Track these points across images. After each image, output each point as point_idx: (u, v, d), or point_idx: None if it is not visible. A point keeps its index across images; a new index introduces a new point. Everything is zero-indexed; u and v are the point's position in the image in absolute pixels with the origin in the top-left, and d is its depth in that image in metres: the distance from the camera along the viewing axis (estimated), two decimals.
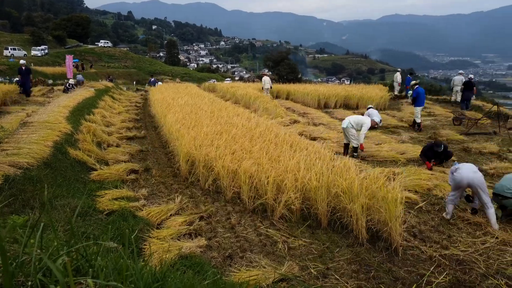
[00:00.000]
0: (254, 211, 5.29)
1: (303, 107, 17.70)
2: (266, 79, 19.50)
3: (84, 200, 5.16)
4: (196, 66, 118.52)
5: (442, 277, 3.59)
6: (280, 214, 5.00)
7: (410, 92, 15.53)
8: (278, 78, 46.67)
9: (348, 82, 51.93)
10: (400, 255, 4.05)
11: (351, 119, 8.49)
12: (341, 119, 14.01)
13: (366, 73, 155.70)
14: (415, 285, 3.49)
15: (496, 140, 10.00)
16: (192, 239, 4.43)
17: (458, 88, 16.87)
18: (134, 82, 44.79)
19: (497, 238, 4.34)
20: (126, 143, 9.81)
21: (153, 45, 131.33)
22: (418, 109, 12.02)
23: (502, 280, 3.50)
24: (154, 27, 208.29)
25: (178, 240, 4.40)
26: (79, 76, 23.56)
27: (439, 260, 3.87)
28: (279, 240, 4.45)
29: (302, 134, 10.92)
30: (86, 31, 79.57)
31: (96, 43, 79.45)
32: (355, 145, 8.38)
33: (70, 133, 8.12)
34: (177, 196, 5.82)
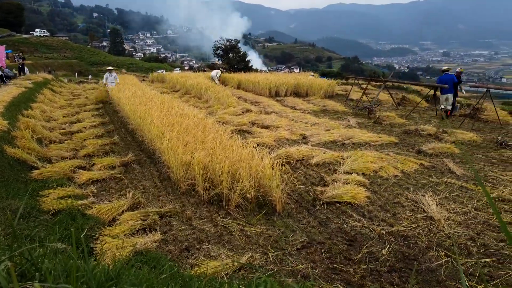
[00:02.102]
0: (210, 202, 5.28)
1: (255, 96, 17.79)
2: (214, 74, 18.94)
3: (26, 201, 4.83)
4: (143, 55, 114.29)
5: (388, 253, 3.83)
6: (236, 203, 5.03)
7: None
8: (229, 67, 46.36)
9: (298, 71, 52.87)
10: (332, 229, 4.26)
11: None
12: (292, 107, 14.32)
13: (314, 61, 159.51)
14: (363, 264, 3.70)
15: (434, 123, 10.76)
16: (146, 234, 4.33)
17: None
18: (76, 74, 42.31)
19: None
20: (70, 138, 9.28)
21: (95, 34, 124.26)
22: (444, 96, 11.92)
23: (441, 252, 3.81)
24: (95, 15, 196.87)
25: (132, 236, 4.29)
26: (7, 70, 21.32)
27: (386, 237, 4.12)
28: (236, 229, 4.49)
29: (255, 123, 11.01)
30: (20, 20, 73.40)
31: (31, 33, 73.65)
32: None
33: (6, 130, 7.52)
34: (129, 191, 5.64)
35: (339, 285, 3.34)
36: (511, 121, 11.09)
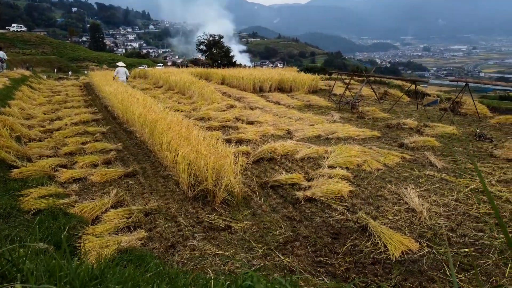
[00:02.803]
0: (195, 199, 5.25)
1: (239, 91, 17.74)
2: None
3: (5, 200, 4.71)
4: (124, 51, 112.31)
5: (372, 245, 3.90)
6: (221, 199, 5.02)
7: None
8: (212, 62, 46.05)
9: (281, 66, 52.93)
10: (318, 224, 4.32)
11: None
12: (276, 102, 14.34)
13: (297, 56, 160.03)
14: (348, 255, 3.75)
15: (415, 116, 10.95)
16: (131, 232, 4.29)
17: None
18: (55, 70, 41.33)
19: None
20: (50, 136, 9.08)
21: (74, 29, 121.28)
22: None
23: (424, 242, 3.90)
24: (74, 9, 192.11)
25: (116, 234, 4.23)
26: None
27: (370, 228, 4.19)
28: (221, 224, 4.49)
29: (239, 119, 10.99)
30: None
31: (7, 28, 71.39)
32: None
33: None
34: (112, 189, 5.56)
35: (325, 278, 3.39)
36: (489, 115, 11.39)
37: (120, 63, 18.50)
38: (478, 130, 8.70)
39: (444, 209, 4.69)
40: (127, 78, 18.23)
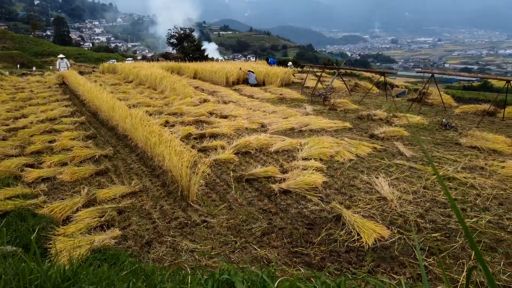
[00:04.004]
0: (170, 195, 5.20)
1: (212, 85, 17.60)
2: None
3: None
4: (91, 45, 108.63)
5: (346, 234, 4.00)
6: (196, 195, 4.99)
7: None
8: (184, 56, 45.34)
9: (254, 59, 52.83)
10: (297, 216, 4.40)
11: None
12: (250, 96, 14.34)
13: (270, 50, 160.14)
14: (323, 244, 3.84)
15: (384, 107, 11.25)
16: (104, 231, 4.20)
17: None
18: (18, 66, 39.53)
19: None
20: (15, 134, 8.70)
21: (37, 23, 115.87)
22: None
23: (395, 229, 4.04)
24: (36, 2, 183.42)
25: (89, 234, 4.13)
26: None
27: (343, 218, 4.29)
28: (197, 219, 4.47)
29: (213, 113, 10.91)
30: None
31: None
32: None
33: None
34: (83, 188, 5.41)
35: (301, 268, 3.45)
36: (454, 104, 11.87)
37: (60, 55, 22.10)
38: (444, 120, 9.04)
39: (414, 196, 4.87)
40: (68, 68, 22.17)
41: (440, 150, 6.90)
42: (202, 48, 51.90)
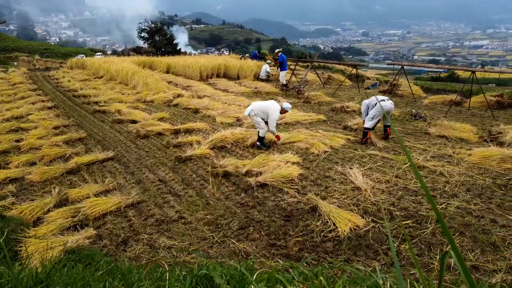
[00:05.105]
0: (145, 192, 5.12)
1: (186, 79, 17.37)
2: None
3: None
4: (58, 40, 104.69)
5: (322, 224, 4.08)
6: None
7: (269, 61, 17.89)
8: (156, 50, 44.43)
9: (228, 53, 52.45)
10: (287, 209, 4.45)
11: (255, 106, 6.69)
12: (225, 90, 14.25)
13: (243, 43, 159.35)
14: (301, 236, 3.89)
15: (357, 99, 11.46)
16: (78, 231, 4.09)
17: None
18: None
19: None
20: None
21: None
22: (283, 72, 14.29)
23: (369, 218, 4.15)
24: None
25: (62, 235, 4.02)
26: None
27: (319, 209, 4.36)
28: (175, 216, 4.43)
29: (188, 108, 10.78)
30: None
31: None
32: (261, 135, 6.78)
33: None
34: (54, 187, 5.24)
35: (279, 259, 3.49)
36: (423, 95, 12.24)
37: None
38: (413, 110, 9.32)
39: (386, 185, 5.01)
40: None
41: (411, 140, 7.11)
42: (175, 42, 50.97)
